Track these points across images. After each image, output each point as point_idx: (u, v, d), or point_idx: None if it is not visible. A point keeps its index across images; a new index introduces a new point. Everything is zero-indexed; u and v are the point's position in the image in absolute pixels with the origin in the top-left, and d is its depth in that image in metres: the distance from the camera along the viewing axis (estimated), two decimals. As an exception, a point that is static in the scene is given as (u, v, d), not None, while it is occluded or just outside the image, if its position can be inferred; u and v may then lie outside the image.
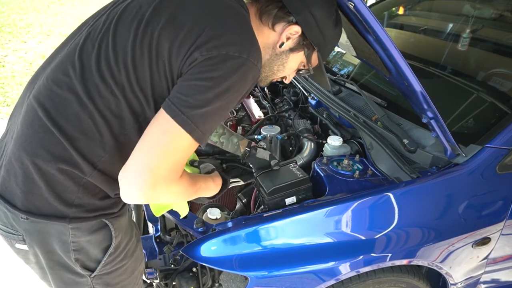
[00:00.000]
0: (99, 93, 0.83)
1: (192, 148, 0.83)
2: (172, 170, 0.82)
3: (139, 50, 0.83)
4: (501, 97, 1.44)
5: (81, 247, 0.91)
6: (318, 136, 1.71)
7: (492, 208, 1.27)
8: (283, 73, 1.04)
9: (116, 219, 0.95)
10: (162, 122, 0.80)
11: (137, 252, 1.07)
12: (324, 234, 1.14)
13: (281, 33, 0.94)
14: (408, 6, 2.51)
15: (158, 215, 1.18)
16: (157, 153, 0.78)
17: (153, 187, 0.78)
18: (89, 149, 0.84)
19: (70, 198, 0.86)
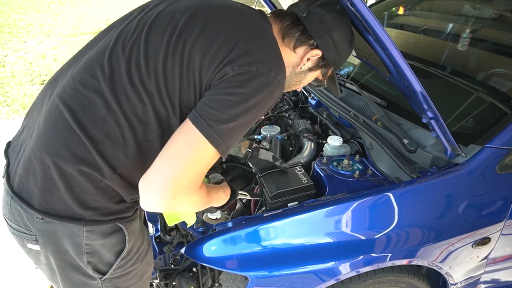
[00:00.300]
0: (127, 98, 0.83)
1: (214, 160, 0.84)
2: (194, 181, 0.83)
3: (171, 59, 0.84)
4: (501, 97, 1.44)
5: (94, 250, 0.91)
6: (318, 136, 1.71)
7: (492, 208, 1.27)
8: (298, 87, 1.10)
9: (129, 223, 0.95)
10: (188, 134, 0.80)
11: (148, 256, 1.07)
12: (324, 234, 1.14)
13: (303, 56, 0.99)
14: (408, 6, 2.51)
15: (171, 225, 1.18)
16: (181, 164, 0.79)
17: (174, 196, 0.79)
18: (111, 153, 0.85)
19: (87, 200, 0.86)
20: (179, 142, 0.81)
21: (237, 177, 1.64)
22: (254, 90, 0.82)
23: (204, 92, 0.85)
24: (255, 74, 0.82)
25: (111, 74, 0.84)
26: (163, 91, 0.84)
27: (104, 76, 0.84)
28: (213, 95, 0.82)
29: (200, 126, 0.79)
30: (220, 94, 0.82)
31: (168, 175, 0.78)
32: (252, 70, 0.82)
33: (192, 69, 0.83)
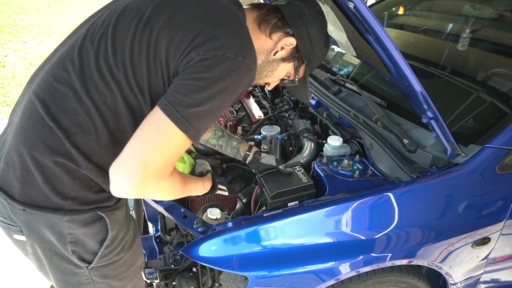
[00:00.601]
0: (97, 89, 0.85)
1: (184, 146, 0.85)
2: (163, 167, 0.83)
3: (138, 48, 0.85)
4: (501, 97, 1.44)
5: (77, 239, 0.93)
6: (318, 136, 1.71)
7: (492, 208, 1.27)
8: (270, 79, 1.08)
9: (111, 212, 0.97)
10: (156, 120, 0.81)
11: (135, 245, 1.08)
12: (324, 234, 1.14)
13: (277, 42, 0.99)
14: (408, 6, 2.51)
15: None
16: (150, 149, 0.80)
17: (143, 182, 0.80)
18: (84, 143, 0.86)
19: (65, 190, 0.88)
20: (148, 128, 0.82)
21: (237, 177, 1.64)
22: (220, 74, 0.82)
23: (172, 79, 0.86)
24: (222, 59, 0.82)
25: (81, 67, 0.86)
26: (131, 80, 0.85)
27: (74, 69, 0.86)
28: (180, 80, 0.83)
29: (168, 111, 0.80)
30: (187, 79, 0.82)
31: (137, 160, 0.79)
32: (218, 54, 0.82)
33: (159, 57, 0.84)
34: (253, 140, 1.68)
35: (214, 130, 1.39)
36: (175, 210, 1.27)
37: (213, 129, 1.39)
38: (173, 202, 1.31)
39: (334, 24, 1.23)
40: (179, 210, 1.27)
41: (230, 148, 1.39)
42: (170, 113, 0.80)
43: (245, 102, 2.06)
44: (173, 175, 0.91)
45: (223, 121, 1.81)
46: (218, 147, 1.41)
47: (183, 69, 0.84)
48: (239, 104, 2.04)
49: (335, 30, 1.28)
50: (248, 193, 1.50)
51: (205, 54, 0.82)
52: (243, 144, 1.40)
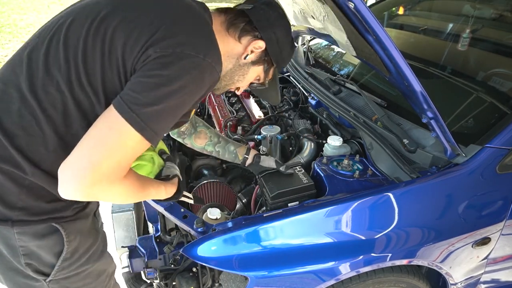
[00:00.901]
0: (44, 89, 0.80)
1: (141, 147, 0.79)
2: (115, 169, 0.77)
3: (91, 45, 0.80)
4: (501, 97, 1.44)
5: (31, 252, 0.88)
6: (318, 136, 1.71)
7: (492, 208, 1.27)
8: (241, 83, 1.08)
9: (69, 224, 0.91)
10: (110, 119, 0.76)
11: (104, 257, 1.04)
12: (324, 234, 1.14)
13: (247, 46, 1.00)
14: (408, 6, 2.51)
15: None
16: (101, 150, 0.74)
17: (92, 185, 0.74)
18: (29, 147, 0.81)
19: (12, 200, 0.83)
20: (100, 127, 0.76)
21: (237, 177, 1.64)
22: (178, 72, 0.78)
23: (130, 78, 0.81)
24: (180, 56, 0.78)
25: (28, 66, 0.82)
26: (82, 78, 0.80)
27: (21, 69, 0.82)
28: (136, 78, 0.79)
29: (122, 110, 0.75)
30: (143, 76, 0.78)
31: (86, 161, 0.73)
32: (177, 51, 0.78)
33: (114, 54, 0.80)
34: (253, 140, 1.68)
35: (210, 137, 1.37)
36: (175, 210, 1.27)
37: (208, 135, 1.37)
38: (173, 202, 1.31)
39: (334, 24, 1.23)
40: (179, 210, 1.27)
41: (227, 154, 1.38)
42: (123, 112, 0.75)
43: (245, 102, 2.06)
44: (128, 178, 0.83)
45: (223, 121, 1.81)
46: (216, 154, 1.39)
47: (140, 66, 0.79)
48: (239, 104, 2.04)
49: (335, 30, 1.28)
50: (248, 193, 1.50)
51: (162, 51, 0.77)
52: (241, 148, 1.39)
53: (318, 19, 1.40)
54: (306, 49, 2.26)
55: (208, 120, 2.12)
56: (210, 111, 2.09)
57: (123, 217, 1.60)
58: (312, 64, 2.13)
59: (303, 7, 1.48)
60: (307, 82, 1.89)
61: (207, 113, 2.15)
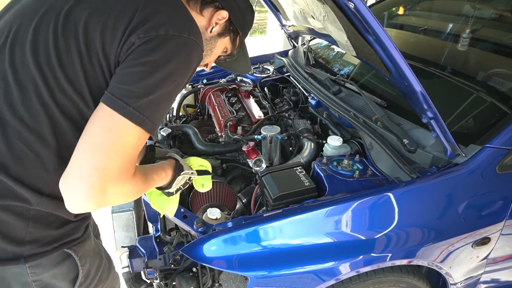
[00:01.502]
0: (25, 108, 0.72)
1: (142, 141, 0.75)
2: (123, 169, 0.73)
3: (64, 45, 0.73)
4: (501, 97, 1.44)
5: (45, 284, 0.83)
6: (318, 136, 1.71)
7: (492, 208, 1.27)
8: (209, 58, 1.02)
9: (80, 246, 0.87)
10: (104, 117, 0.70)
11: (111, 272, 1.02)
12: (324, 234, 1.14)
13: (210, 19, 0.93)
14: (408, 6, 2.51)
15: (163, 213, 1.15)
16: (104, 153, 0.69)
17: (103, 190, 0.70)
18: (27, 174, 0.74)
19: (20, 235, 0.77)
20: (97, 130, 0.70)
21: (237, 178, 1.64)
22: (167, 55, 0.73)
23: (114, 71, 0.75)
24: (165, 38, 0.73)
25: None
26: (65, 86, 0.73)
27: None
28: (123, 69, 0.73)
29: (117, 106, 0.69)
30: (131, 66, 0.72)
31: (92, 168, 0.68)
32: (161, 34, 0.73)
33: (93, 49, 0.73)
34: (253, 140, 1.68)
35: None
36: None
37: None
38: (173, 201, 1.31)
39: (334, 24, 1.23)
40: (179, 210, 1.26)
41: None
42: (119, 108, 0.69)
43: (245, 102, 2.06)
44: (136, 174, 0.79)
45: (223, 121, 1.81)
46: None
47: (125, 56, 0.73)
48: (239, 104, 2.04)
49: (335, 30, 1.28)
50: (248, 193, 1.50)
51: (146, 36, 0.72)
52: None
53: (318, 19, 1.40)
54: (306, 49, 2.26)
55: (208, 120, 2.12)
56: (210, 111, 2.09)
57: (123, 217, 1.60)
58: (312, 64, 2.13)
59: (303, 7, 1.48)
60: (307, 82, 1.89)
61: (207, 113, 2.15)
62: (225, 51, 1.06)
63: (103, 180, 0.69)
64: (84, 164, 0.69)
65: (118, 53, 0.74)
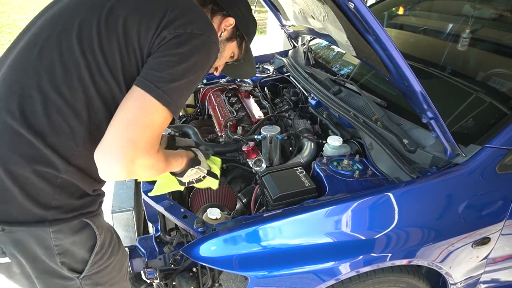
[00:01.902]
0: (67, 86, 0.83)
1: (167, 121, 0.86)
2: (151, 143, 0.83)
3: (106, 38, 0.85)
4: (501, 97, 1.44)
5: (65, 250, 0.90)
6: (318, 136, 1.71)
7: (492, 208, 1.27)
8: (219, 62, 1.17)
9: (96, 218, 0.95)
10: (138, 98, 0.82)
11: (121, 247, 1.08)
12: (324, 234, 1.14)
13: (219, 25, 1.09)
14: (408, 6, 2.51)
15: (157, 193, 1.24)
16: (136, 127, 0.80)
17: (133, 160, 0.79)
18: (61, 144, 0.84)
19: (47, 200, 0.85)
20: (131, 108, 0.81)
21: (237, 177, 1.64)
22: (192, 49, 0.86)
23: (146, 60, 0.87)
24: (191, 35, 0.86)
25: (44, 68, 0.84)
26: (104, 71, 0.85)
27: (37, 71, 0.84)
28: (156, 58, 0.85)
29: (149, 89, 0.81)
30: (162, 56, 0.85)
31: (125, 139, 0.78)
32: (187, 31, 0.86)
33: (131, 44, 0.85)
34: (253, 140, 1.68)
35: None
36: (175, 210, 1.27)
37: None
38: (173, 202, 1.31)
39: (334, 24, 1.23)
40: (179, 210, 1.27)
41: None
42: (151, 90, 0.81)
43: (245, 102, 2.06)
44: (159, 152, 0.91)
45: (223, 121, 1.81)
46: None
47: (156, 48, 0.86)
48: (239, 104, 2.04)
49: (335, 30, 1.28)
50: (248, 193, 1.50)
51: (176, 32, 0.85)
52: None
53: (318, 19, 1.40)
54: (306, 49, 2.26)
55: (208, 120, 2.12)
56: (210, 111, 2.09)
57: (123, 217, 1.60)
58: (312, 64, 2.13)
59: (303, 7, 1.48)
60: (307, 82, 1.89)
61: (207, 113, 2.15)
62: (232, 56, 1.20)
63: (134, 151, 0.79)
64: (118, 136, 0.79)
65: (151, 45, 0.86)
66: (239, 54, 1.20)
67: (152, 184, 1.41)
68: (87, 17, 0.86)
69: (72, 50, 0.84)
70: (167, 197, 1.36)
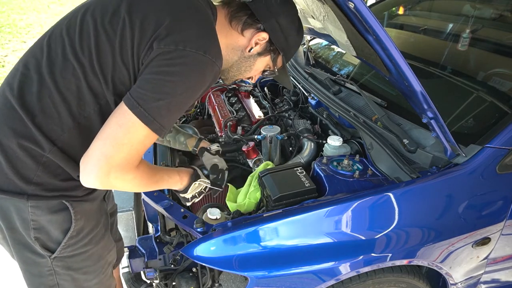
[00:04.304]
0: (61, 74, 0.87)
1: (149, 139, 0.87)
2: (128, 159, 0.85)
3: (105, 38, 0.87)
4: (501, 97, 1.44)
5: (41, 226, 0.93)
6: (318, 136, 1.71)
7: (492, 208, 1.27)
8: (250, 74, 1.12)
9: (78, 203, 0.97)
10: (120, 114, 0.84)
11: (104, 240, 1.08)
12: (324, 234, 1.14)
13: (250, 39, 1.02)
14: (408, 6, 2.51)
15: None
16: (113, 143, 0.82)
17: (107, 174, 0.83)
18: (47, 127, 0.88)
19: (29, 175, 0.89)
20: (112, 123, 0.84)
21: (237, 178, 1.64)
22: (182, 69, 0.84)
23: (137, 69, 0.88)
24: (183, 53, 0.83)
25: (48, 53, 0.89)
26: (96, 67, 0.87)
27: (42, 55, 0.89)
28: (144, 75, 0.85)
29: (131, 106, 0.83)
30: (149, 73, 0.84)
31: (101, 153, 0.82)
32: (179, 48, 0.83)
33: (125, 46, 0.86)
34: (253, 140, 1.68)
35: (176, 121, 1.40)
36: (175, 210, 1.27)
37: None
38: (173, 202, 1.31)
39: (334, 24, 1.23)
40: (179, 210, 1.27)
41: (178, 144, 1.40)
42: (132, 107, 0.82)
43: (245, 102, 2.06)
44: (140, 167, 0.91)
45: (223, 121, 1.81)
46: (167, 143, 1.42)
47: (147, 62, 0.85)
48: (239, 104, 2.04)
49: (335, 30, 1.28)
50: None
51: (166, 47, 0.83)
52: (190, 139, 1.39)
53: (318, 19, 1.40)
54: (306, 49, 2.26)
55: (208, 120, 2.12)
56: (210, 111, 2.09)
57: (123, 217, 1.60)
58: (312, 64, 2.13)
59: (303, 7, 1.48)
60: (307, 82, 1.89)
61: (207, 113, 2.15)
62: (268, 67, 1.14)
63: (108, 166, 0.83)
64: (96, 149, 0.83)
65: (142, 56, 0.86)
66: (274, 67, 1.13)
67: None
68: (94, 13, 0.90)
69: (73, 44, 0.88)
70: (167, 197, 1.36)
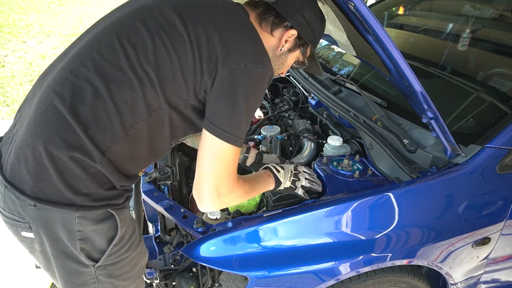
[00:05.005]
0: (117, 85, 0.88)
1: (238, 153, 0.96)
2: (229, 180, 0.96)
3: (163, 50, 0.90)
4: (501, 97, 1.44)
5: (86, 236, 0.93)
6: (318, 136, 1.71)
7: (492, 208, 1.27)
8: (282, 70, 1.15)
9: (121, 211, 0.98)
10: (210, 145, 0.92)
11: (140, 245, 1.09)
12: (324, 234, 1.14)
13: (281, 38, 1.05)
14: (408, 6, 2.51)
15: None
16: (214, 174, 0.93)
17: (218, 198, 0.95)
18: (100, 138, 0.88)
19: (78, 186, 0.89)
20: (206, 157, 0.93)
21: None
22: (248, 84, 0.91)
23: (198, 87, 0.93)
24: (245, 71, 0.90)
25: (100, 64, 0.88)
26: (154, 79, 0.89)
27: (95, 65, 0.88)
28: (216, 99, 0.92)
29: (217, 133, 0.90)
30: (220, 96, 0.91)
31: (208, 187, 0.94)
32: (241, 66, 0.90)
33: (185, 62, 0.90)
34: (253, 140, 1.68)
35: None
36: (175, 210, 1.27)
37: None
38: (173, 202, 1.31)
39: (334, 24, 1.23)
40: (179, 210, 1.27)
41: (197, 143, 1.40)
42: (219, 134, 0.90)
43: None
44: (239, 182, 1.01)
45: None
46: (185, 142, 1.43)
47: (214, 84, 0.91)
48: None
49: (335, 30, 1.28)
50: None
51: (229, 68, 0.89)
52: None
53: (318, 19, 1.39)
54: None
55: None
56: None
57: (123, 217, 1.59)
58: (312, 64, 2.12)
59: (303, 7, 1.47)
60: (307, 82, 1.89)
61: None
62: (297, 60, 1.17)
63: (217, 192, 0.95)
64: (204, 186, 0.94)
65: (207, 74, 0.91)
66: (304, 59, 1.17)
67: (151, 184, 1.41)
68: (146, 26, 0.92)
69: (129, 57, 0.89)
70: (167, 197, 1.36)
